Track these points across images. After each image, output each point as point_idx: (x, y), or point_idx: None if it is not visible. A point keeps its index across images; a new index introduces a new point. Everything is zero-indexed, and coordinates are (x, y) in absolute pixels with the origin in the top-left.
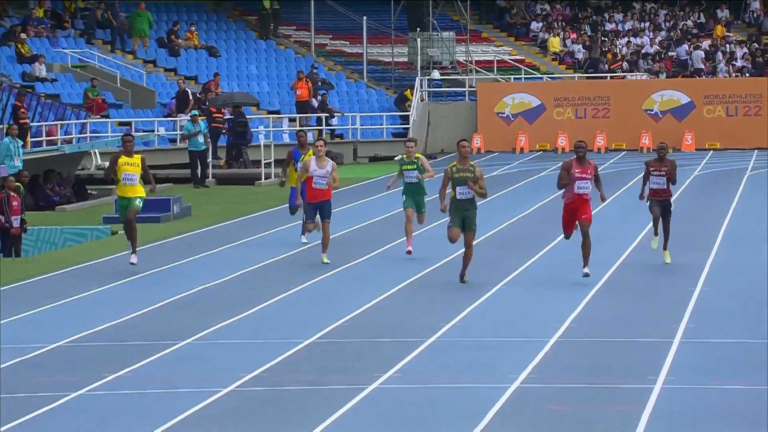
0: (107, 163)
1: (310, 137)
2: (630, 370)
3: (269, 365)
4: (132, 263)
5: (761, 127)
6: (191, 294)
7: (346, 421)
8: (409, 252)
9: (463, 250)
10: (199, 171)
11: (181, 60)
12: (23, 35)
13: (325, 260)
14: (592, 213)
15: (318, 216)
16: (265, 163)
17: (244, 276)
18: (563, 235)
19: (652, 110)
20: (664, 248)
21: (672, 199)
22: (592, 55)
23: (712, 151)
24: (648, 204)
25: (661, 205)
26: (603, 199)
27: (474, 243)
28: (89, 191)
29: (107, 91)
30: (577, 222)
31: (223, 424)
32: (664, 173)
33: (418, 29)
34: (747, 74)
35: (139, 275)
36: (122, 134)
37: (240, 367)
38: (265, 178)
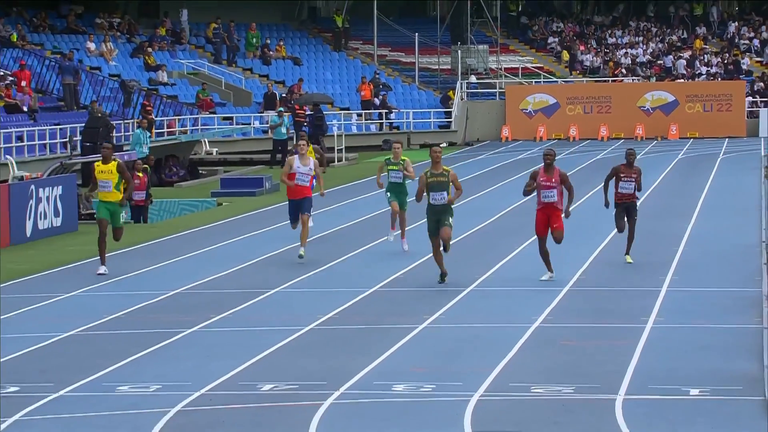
0: (215, 150)
1: (373, 129)
2: (627, 313)
3: (340, 309)
4: (100, 273)
5: (731, 120)
6: (280, 252)
7: (401, 352)
8: (389, 239)
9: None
10: (279, 156)
11: (272, 68)
12: (150, 49)
13: (302, 253)
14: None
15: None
16: (337, 149)
17: (322, 238)
18: (538, 241)
19: (645, 107)
20: (627, 252)
21: (637, 203)
22: (572, 52)
23: (692, 140)
24: (614, 213)
25: (626, 210)
26: (566, 215)
27: (494, 218)
28: (200, 171)
29: (214, 92)
30: (551, 231)
31: (304, 354)
32: (633, 179)
33: (459, 43)
34: (720, 78)
35: (239, 237)
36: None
37: (317, 310)
38: (338, 161)
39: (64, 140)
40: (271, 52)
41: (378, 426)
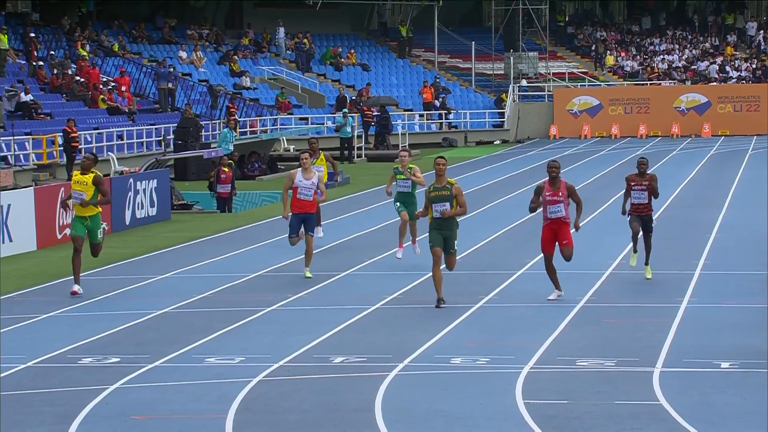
0: (292, 147)
1: (434, 128)
2: (663, 293)
3: (403, 290)
4: (75, 292)
5: (759, 119)
6: (349, 239)
7: (459, 329)
8: (397, 257)
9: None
10: (346, 152)
11: (343, 73)
12: (235, 57)
13: (308, 274)
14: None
15: (302, 229)
16: (401, 146)
17: (387, 226)
18: (542, 256)
19: (680, 107)
20: (646, 263)
21: (653, 215)
22: (598, 51)
23: (723, 137)
24: (628, 219)
25: (641, 221)
26: (576, 228)
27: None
28: (279, 166)
29: (291, 95)
30: (559, 248)
31: (372, 330)
32: (645, 187)
33: (512, 50)
34: (749, 82)
35: None
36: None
37: (383, 291)
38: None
39: (159, 139)
40: (342, 60)
41: (438, 394)
